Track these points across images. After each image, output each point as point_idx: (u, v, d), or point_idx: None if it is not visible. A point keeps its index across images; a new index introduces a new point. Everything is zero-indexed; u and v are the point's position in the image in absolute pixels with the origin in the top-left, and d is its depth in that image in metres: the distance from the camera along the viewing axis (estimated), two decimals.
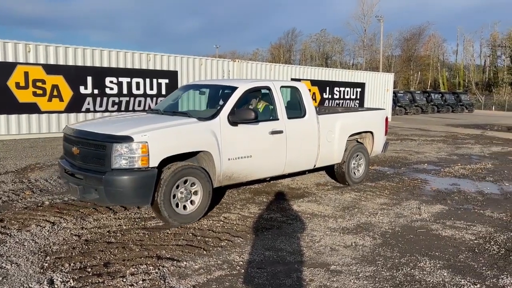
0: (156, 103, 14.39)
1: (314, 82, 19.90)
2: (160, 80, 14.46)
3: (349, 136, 7.16)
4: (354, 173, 7.42)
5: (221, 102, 6.20)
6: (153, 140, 4.61)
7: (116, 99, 13.57)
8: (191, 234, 4.65)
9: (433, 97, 37.94)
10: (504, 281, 3.71)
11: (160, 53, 14.57)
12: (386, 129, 8.07)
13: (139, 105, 14.07)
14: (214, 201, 5.93)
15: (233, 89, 5.79)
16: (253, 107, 6.20)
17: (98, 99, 13.21)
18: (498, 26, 68.45)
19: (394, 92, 29.09)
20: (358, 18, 71.04)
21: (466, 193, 6.99)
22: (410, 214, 5.70)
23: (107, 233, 4.62)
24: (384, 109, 8.56)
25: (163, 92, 14.54)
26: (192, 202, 5.04)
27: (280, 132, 5.94)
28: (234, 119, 5.39)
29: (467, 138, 16.04)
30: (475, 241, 4.70)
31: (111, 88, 13.43)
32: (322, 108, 9.07)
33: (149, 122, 5.14)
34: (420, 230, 5.02)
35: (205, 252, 4.17)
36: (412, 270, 3.88)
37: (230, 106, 5.48)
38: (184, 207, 4.99)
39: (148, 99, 14.27)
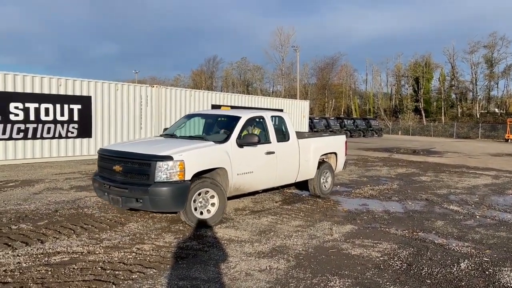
0: (67, 130, 13.61)
1: (234, 108, 20.18)
2: (72, 106, 13.69)
3: (320, 156, 8.57)
4: (324, 186, 8.82)
5: (216, 128, 7.56)
6: (188, 158, 5.75)
7: (22, 126, 12.57)
8: (100, 268, 4.39)
9: (346, 122, 40.47)
10: None
11: (73, 77, 13.89)
12: (346, 151, 9.62)
13: (48, 132, 13.13)
14: (127, 232, 5.72)
15: (237, 118, 6.98)
16: (250, 132, 7.27)
17: (1, 126, 12.15)
18: (401, 58, 75.25)
19: (310, 118, 30.56)
20: (275, 47, 74.31)
21: (374, 213, 7.45)
22: (322, 235, 5.92)
23: (3, 273, 4.20)
24: (344, 134, 10.41)
25: (75, 118, 13.77)
26: (208, 211, 6.14)
27: (273, 152, 7.24)
28: (241, 142, 6.63)
29: (376, 161, 17.19)
30: (380, 258, 4.99)
31: (16, 114, 12.43)
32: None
33: (179, 145, 6.17)
34: (331, 250, 5.23)
35: (114, 287, 3.95)
36: None
37: (237, 132, 6.72)
38: (207, 211, 6.11)
39: (59, 125, 13.39)
